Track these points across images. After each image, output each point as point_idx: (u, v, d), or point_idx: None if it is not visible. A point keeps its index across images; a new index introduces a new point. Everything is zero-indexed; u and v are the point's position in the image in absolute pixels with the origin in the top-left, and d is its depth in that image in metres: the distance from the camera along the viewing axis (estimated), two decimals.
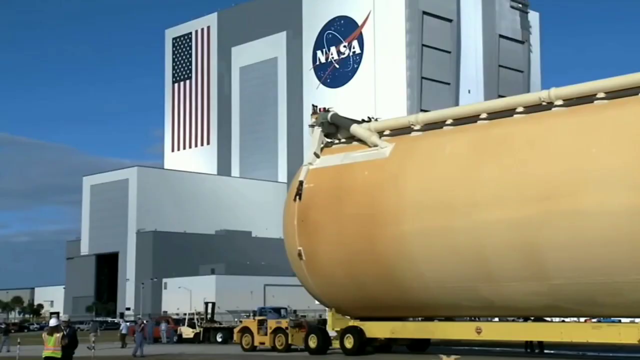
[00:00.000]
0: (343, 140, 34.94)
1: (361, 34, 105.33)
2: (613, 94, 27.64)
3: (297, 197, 34.05)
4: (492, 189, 28.32)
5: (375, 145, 32.74)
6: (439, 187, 29.92)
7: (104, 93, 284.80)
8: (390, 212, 31.00)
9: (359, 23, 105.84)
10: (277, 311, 44.93)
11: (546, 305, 28.66)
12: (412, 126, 33.20)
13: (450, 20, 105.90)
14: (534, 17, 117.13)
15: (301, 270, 34.42)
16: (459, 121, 32.05)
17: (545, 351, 33.38)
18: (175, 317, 61.67)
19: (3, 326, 61.05)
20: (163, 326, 55.98)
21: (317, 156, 34.82)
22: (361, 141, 33.63)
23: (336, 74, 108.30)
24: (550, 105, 29.19)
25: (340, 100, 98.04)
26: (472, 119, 31.62)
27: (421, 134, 32.67)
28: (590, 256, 25.95)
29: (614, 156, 25.89)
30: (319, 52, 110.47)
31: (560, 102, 28.98)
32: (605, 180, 25.75)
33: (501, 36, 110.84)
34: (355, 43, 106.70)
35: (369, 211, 31.46)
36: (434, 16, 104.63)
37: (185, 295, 75.17)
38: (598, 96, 27.81)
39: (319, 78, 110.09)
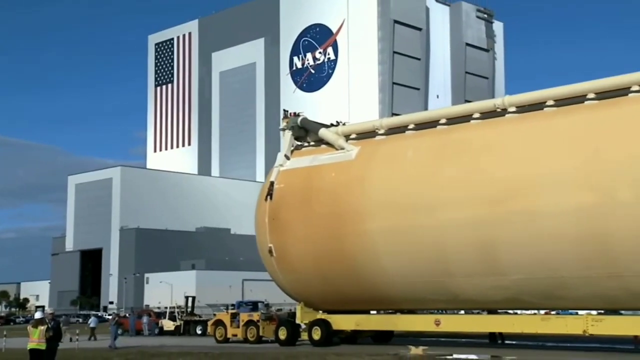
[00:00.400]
0: (312, 143, 35.08)
1: (336, 41, 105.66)
2: (561, 102, 28.10)
3: (269, 196, 34.18)
4: (452, 190, 28.58)
5: (342, 148, 32.93)
6: (401, 188, 30.15)
7: (90, 96, 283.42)
8: (356, 211, 31.14)
9: (334, 31, 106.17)
10: (255, 304, 44.98)
11: (505, 299, 28.91)
12: (377, 130, 33.51)
13: (419, 29, 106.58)
14: (498, 26, 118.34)
15: (272, 266, 34.58)
16: (421, 126, 32.29)
17: (507, 342, 33.42)
18: (156, 310, 61.72)
19: None
20: (145, 319, 56.10)
21: (288, 158, 34.91)
22: (329, 144, 33.80)
23: (312, 79, 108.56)
24: (504, 111, 29.57)
25: (316, 104, 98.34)
26: (433, 124, 31.92)
27: (385, 137, 32.95)
28: (541, 253, 26.38)
29: (561, 160, 26.33)
30: (295, 58, 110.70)
31: (513, 109, 29.36)
32: (554, 183, 26.18)
33: (467, 44, 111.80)
34: (330, 50, 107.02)
35: (336, 210, 31.65)
36: (405, 25, 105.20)
37: (166, 290, 74.97)
38: (547, 104, 28.29)
39: (295, 83, 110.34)
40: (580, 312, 29.25)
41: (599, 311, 28.97)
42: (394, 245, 29.98)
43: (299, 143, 35.53)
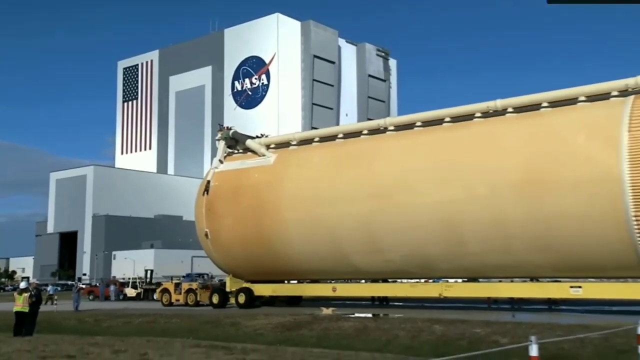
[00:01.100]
0: (241, 150, 34.84)
1: (268, 70, 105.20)
2: (426, 123, 28.78)
3: (205, 192, 33.94)
4: (346, 188, 28.85)
5: (264, 155, 32.92)
6: (309, 186, 30.29)
7: (70, 108, 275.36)
8: (274, 204, 31.21)
9: (267, 62, 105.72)
10: (201, 276, 44.19)
11: (391, 271, 29.43)
12: (291, 142, 33.59)
13: (333, 63, 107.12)
14: (392, 62, 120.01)
15: (208, 246, 34.41)
16: (324, 139, 32.61)
17: (390, 303, 34.03)
18: (121, 280, 60.26)
19: None
20: (112, 288, 55.19)
21: (221, 162, 34.63)
22: (254, 152, 33.68)
23: (249, 99, 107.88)
24: (385, 129, 30.16)
25: (252, 119, 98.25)
26: (333, 137, 32.23)
27: (297, 147, 33.03)
28: (412, 236, 26.84)
29: (425, 166, 26.91)
30: (236, 82, 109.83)
31: (392, 128, 29.98)
32: (420, 183, 26.81)
33: (369, 75, 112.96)
34: (263, 76, 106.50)
35: (258, 203, 31.63)
36: (322, 59, 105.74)
37: (130, 264, 73.16)
38: (417, 124, 28.98)
39: (236, 102, 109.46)
40: (444, 280, 29.86)
41: (464, 279, 29.69)
42: (302, 230, 30.16)
43: (231, 150, 35.21)
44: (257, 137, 35.80)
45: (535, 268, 25.67)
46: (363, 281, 32.89)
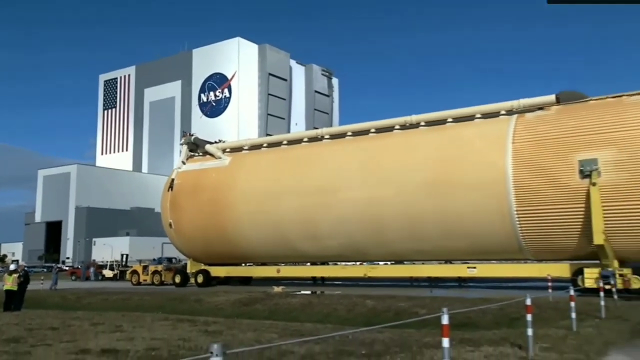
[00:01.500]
0: (201, 153, 34.66)
1: (230, 85, 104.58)
2: (356, 134, 29.42)
3: (170, 189, 33.82)
4: (289, 186, 29.12)
5: (220, 158, 32.98)
6: (258, 184, 30.41)
7: (58, 114, 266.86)
8: (228, 199, 31.24)
9: (229, 77, 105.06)
10: (169, 260, 43.12)
11: (331, 255, 29.43)
12: (243, 147, 33.84)
13: (285, 80, 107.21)
14: (335, 81, 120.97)
15: (171, 234, 34.24)
16: (271, 145, 32.93)
17: (326, 282, 34.00)
18: (100, 263, 59.14)
19: None
20: (92, 270, 54.23)
21: (184, 163, 34.47)
22: (212, 155, 33.67)
23: (213, 109, 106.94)
24: (322, 138, 30.78)
25: (216, 127, 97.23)
26: (278, 144, 32.61)
27: (248, 152, 33.24)
28: (342, 227, 27.28)
29: (353, 169, 27.45)
30: (202, 95, 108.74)
31: (328, 136, 30.62)
32: (348, 183, 27.26)
33: (316, 91, 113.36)
34: (226, 90, 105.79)
35: (215, 198, 31.65)
36: (276, 77, 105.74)
37: (108, 250, 71.43)
38: (348, 134, 29.66)
39: (202, 111, 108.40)
40: (369, 263, 29.94)
41: (391, 262, 30.14)
42: (252, 221, 30.23)
43: (192, 153, 34.97)
44: (215, 142, 35.85)
45: (444, 253, 26.39)
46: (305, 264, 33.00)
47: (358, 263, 31.20)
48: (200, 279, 32.75)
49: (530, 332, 9.07)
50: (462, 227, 24.43)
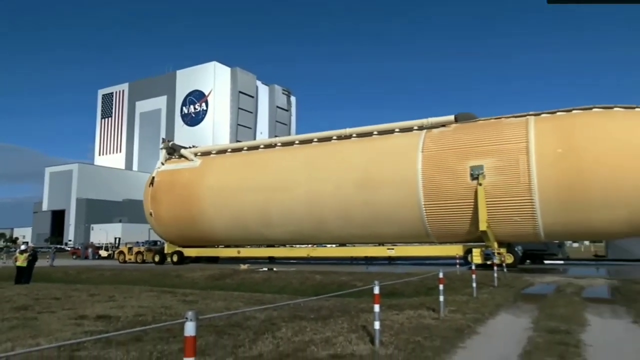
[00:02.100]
0: (177, 156, 33.71)
1: (207, 100, 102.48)
2: (301, 142, 29.27)
3: (151, 185, 32.84)
4: (248, 184, 28.63)
5: (192, 160, 32.32)
6: (223, 182, 29.85)
7: (63, 121, 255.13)
8: (198, 194, 30.58)
9: (206, 94, 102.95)
10: (155, 242, 41.54)
11: (285, 239, 28.87)
12: (211, 152, 33.19)
13: (252, 97, 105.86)
14: (293, 99, 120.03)
15: (152, 222, 33.24)
16: (234, 150, 32.33)
17: (277, 261, 33.15)
18: (97, 245, 56.98)
19: None
20: (90, 250, 52.40)
21: (163, 164, 33.49)
22: (186, 158, 32.91)
23: (193, 120, 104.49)
24: (275, 145, 30.51)
25: (195, 134, 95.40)
26: (240, 149, 32.10)
27: (216, 155, 32.57)
28: (290, 217, 27.12)
29: (298, 171, 27.30)
30: (184, 108, 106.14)
31: (279, 144, 30.35)
32: (294, 182, 26.98)
33: (277, 107, 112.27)
34: (203, 104, 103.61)
35: (187, 193, 30.97)
36: (245, 94, 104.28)
37: (103, 234, 68.90)
38: (296, 143, 29.49)
39: (183, 121, 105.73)
40: (309, 245, 29.46)
41: (336, 245, 29.03)
42: (217, 211, 29.72)
43: (170, 156, 33.98)
44: (189, 147, 34.99)
45: (371, 236, 26.41)
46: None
47: (296, 245, 30.39)
48: (175, 258, 32.11)
49: (441, 298, 9.40)
50: (384, 216, 24.71)
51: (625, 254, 30.08)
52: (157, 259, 33.44)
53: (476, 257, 22.57)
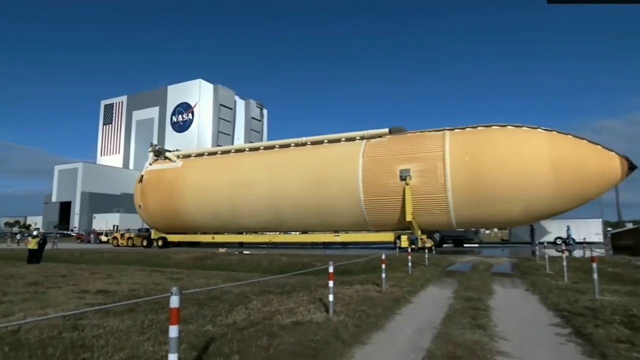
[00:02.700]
0: (162, 158, 32.42)
1: (193, 111, 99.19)
2: (266, 148, 28.64)
3: (140, 181, 31.46)
4: (221, 181, 27.89)
5: (175, 162, 31.10)
6: (200, 180, 28.87)
7: (70, 126, 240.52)
8: (179, 190, 29.47)
9: (192, 106, 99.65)
10: (147, 230, 37.83)
11: (256, 227, 27.99)
12: (191, 155, 32.06)
13: (231, 109, 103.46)
14: (265, 111, 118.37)
15: (141, 213, 31.79)
16: (210, 154, 31.36)
17: (245, 246, 31.88)
18: (98, 231, 53.97)
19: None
20: (92, 236, 49.74)
21: (150, 164, 32.08)
22: (170, 159, 31.67)
23: (181, 127, 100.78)
24: (244, 150, 29.66)
25: (183, 140, 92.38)
26: (215, 153, 31.17)
27: (194, 158, 31.47)
28: (254, 210, 26.49)
29: (261, 170, 26.54)
30: (173, 117, 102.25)
31: (247, 149, 29.53)
32: (259, 181, 26.26)
33: (252, 117, 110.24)
34: (190, 114, 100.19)
35: (171, 189, 29.76)
36: (224, 106, 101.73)
37: (103, 222, 65.49)
38: (261, 148, 28.77)
39: (173, 128, 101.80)
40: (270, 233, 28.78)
41: (300, 232, 28.22)
42: (195, 204, 28.80)
43: (156, 158, 32.62)
44: (173, 151, 33.74)
45: (321, 226, 26.05)
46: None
47: (259, 232, 29.54)
48: (160, 243, 30.96)
49: (383, 275, 9.46)
50: (331, 210, 24.51)
51: (523, 238, 31.27)
52: (145, 243, 32.11)
53: (404, 242, 22.73)
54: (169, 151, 33.00)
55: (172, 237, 31.16)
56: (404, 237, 23.04)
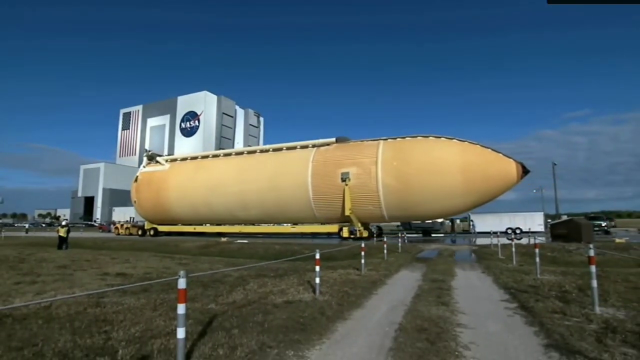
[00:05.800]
0: (154, 162, 32.64)
1: (199, 118, 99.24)
2: (238, 154, 28.92)
3: (135, 181, 31.84)
4: (199, 182, 28.02)
5: (164, 165, 31.45)
6: (184, 180, 29.06)
7: (94, 131, 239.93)
8: (166, 189, 29.67)
9: (198, 114, 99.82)
10: (142, 222, 39.21)
11: (222, 220, 27.94)
12: (177, 159, 32.35)
13: (232, 117, 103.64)
14: (262, 119, 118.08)
15: (136, 207, 31.99)
16: (193, 158, 31.41)
17: (225, 234, 28.99)
18: (118, 223, 54.14)
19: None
20: (111, 226, 49.60)
21: (144, 167, 32.44)
22: (160, 163, 31.99)
23: (188, 132, 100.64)
24: (219, 155, 29.87)
25: (190, 143, 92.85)
26: (196, 158, 31.23)
27: (180, 162, 31.69)
28: (226, 206, 26.67)
29: (232, 174, 26.77)
30: (182, 124, 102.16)
31: (222, 155, 29.73)
32: (229, 182, 26.53)
33: (250, 124, 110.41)
34: (196, 121, 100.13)
35: (160, 187, 30.04)
36: (226, 114, 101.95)
37: (122, 214, 65.98)
38: (232, 154, 29.11)
39: (181, 134, 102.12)
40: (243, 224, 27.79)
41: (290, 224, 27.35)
42: (179, 201, 29.04)
43: (150, 161, 32.95)
44: (163, 155, 34.18)
45: (280, 219, 26.11)
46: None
47: (234, 224, 28.28)
48: (152, 232, 31.19)
49: (363, 261, 9.47)
50: (287, 205, 25.02)
51: (482, 228, 31.26)
52: (140, 232, 32.35)
53: (345, 233, 23.56)
54: (160, 156, 33.49)
55: (162, 228, 31.55)
56: (345, 229, 23.91)
